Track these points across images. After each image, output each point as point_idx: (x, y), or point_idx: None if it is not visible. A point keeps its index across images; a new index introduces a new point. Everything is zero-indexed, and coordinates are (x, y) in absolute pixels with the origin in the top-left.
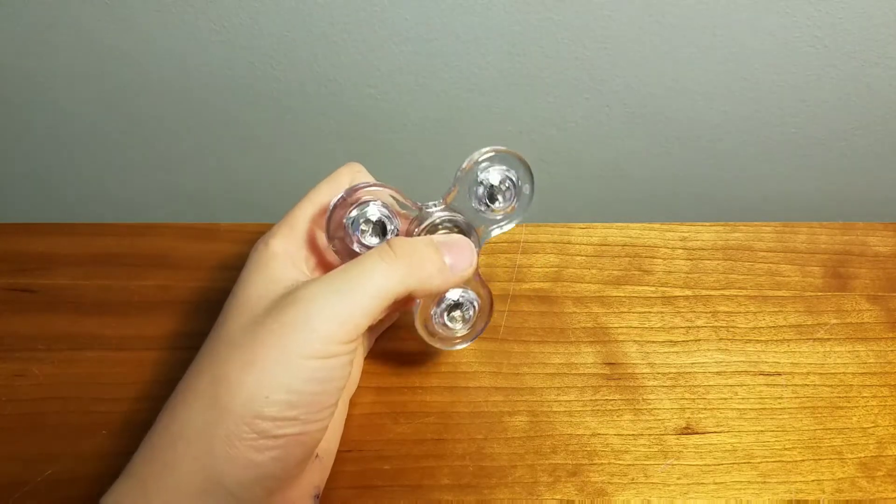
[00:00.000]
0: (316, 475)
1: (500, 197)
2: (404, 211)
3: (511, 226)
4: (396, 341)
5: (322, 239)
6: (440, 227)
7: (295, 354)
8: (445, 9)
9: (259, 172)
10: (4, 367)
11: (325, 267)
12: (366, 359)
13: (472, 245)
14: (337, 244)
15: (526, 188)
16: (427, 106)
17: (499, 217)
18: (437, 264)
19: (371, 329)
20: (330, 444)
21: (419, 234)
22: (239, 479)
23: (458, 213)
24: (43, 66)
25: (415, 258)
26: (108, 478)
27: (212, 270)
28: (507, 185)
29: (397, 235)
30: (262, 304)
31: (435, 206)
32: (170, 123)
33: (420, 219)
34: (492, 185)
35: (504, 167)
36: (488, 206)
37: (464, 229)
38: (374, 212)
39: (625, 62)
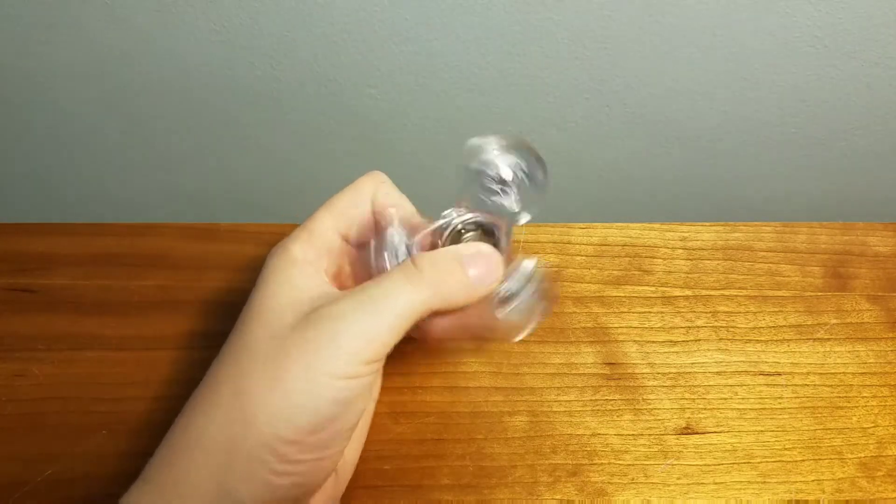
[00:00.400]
0: (331, 490)
1: (513, 187)
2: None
3: (529, 216)
4: None
5: (340, 245)
6: (464, 231)
7: (321, 373)
8: (445, 9)
9: (259, 172)
10: (4, 367)
11: (345, 276)
12: None
13: (498, 254)
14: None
15: (538, 174)
16: (427, 106)
17: (517, 208)
18: (461, 280)
19: None
20: (347, 457)
21: (443, 244)
22: (254, 496)
23: (478, 212)
24: (43, 66)
25: (439, 276)
26: (108, 478)
27: (212, 270)
28: (519, 174)
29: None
30: (287, 316)
31: (453, 211)
32: (170, 123)
33: (441, 228)
34: (502, 178)
35: (511, 156)
36: (502, 195)
37: (487, 228)
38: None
39: (625, 62)
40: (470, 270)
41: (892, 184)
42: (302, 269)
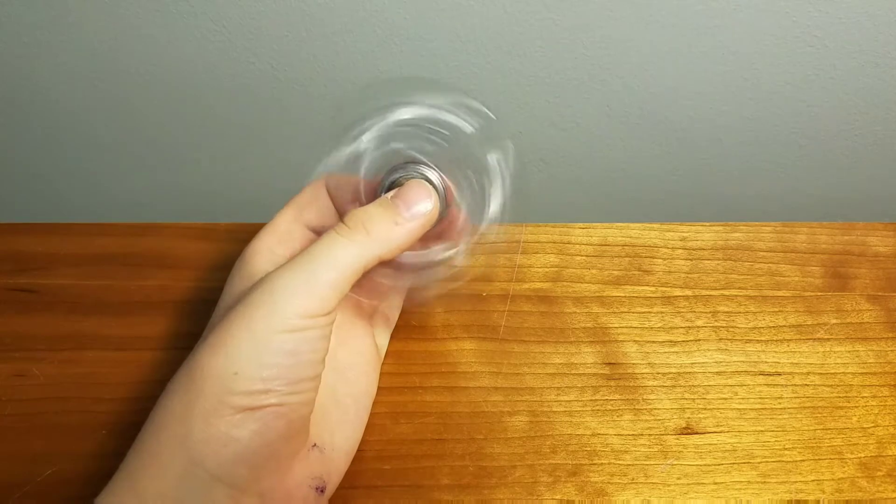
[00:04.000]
0: (315, 466)
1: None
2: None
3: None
4: (396, 341)
5: (303, 233)
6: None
7: (261, 331)
8: (445, 9)
9: (259, 172)
10: (4, 367)
11: None
12: None
13: (426, 184)
14: None
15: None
16: None
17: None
18: (393, 220)
19: (384, 327)
20: (336, 438)
21: (383, 190)
22: (219, 459)
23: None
24: (43, 66)
25: (369, 224)
26: (108, 478)
27: (212, 270)
28: (501, 171)
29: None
30: (238, 296)
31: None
32: (170, 123)
33: (383, 182)
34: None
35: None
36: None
37: (426, 176)
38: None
39: (625, 62)
40: (400, 209)
41: (892, 184)
42: (260, 254)
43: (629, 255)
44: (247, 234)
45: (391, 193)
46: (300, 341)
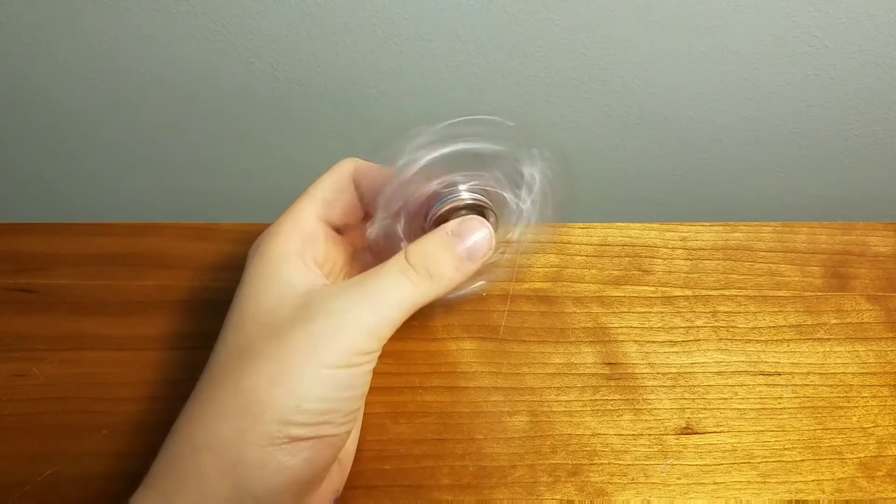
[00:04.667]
0: (336, 479)
1: (531, 190)
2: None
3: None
4: (396, 341)
5: (324, 232)
6: (457, 209)
7: (323, 365)
8: (445, 9)
9: (259, 172)
10: (4, 367)
11: (330, 263)
12: None
13: (487, 224)
14: (382, 235)
15: (549, 202)
16: (427, 106)
17: (526, 209)
18: (454, 263)
19: None
20: (349, 447)
21: (431, 220)
22: (269, 486)
23: (477, 190)
24: (43, 66)
25: (433, 268)
26: (108, 478)
27: (212, 270)
28: (544, 184)
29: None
30: (282, 310)
31: (458, 181)
32: (170, 123)
33: (440, 198)
34: (528, 177)
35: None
36: (513, 189)
37: (481, 209)
38: (465, 196)
39: (625, 62)
40: (459, 248)
41: (892, 184)
42: (290, 261)
43: (629, 255)
44: (247, 234)
45: (450, 227)
46: (356, 376)
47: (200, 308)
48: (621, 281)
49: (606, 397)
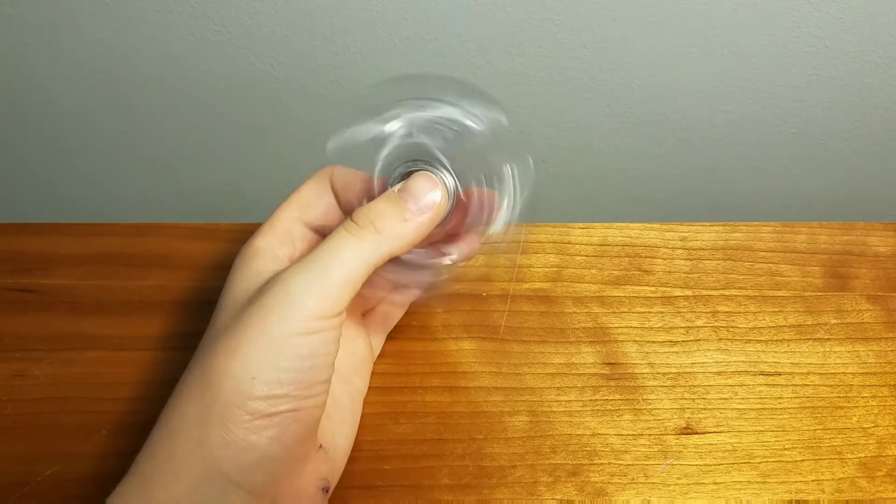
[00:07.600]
0: (321, 466)
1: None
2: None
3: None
4: (396, 341)
5: (304, 233)
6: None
7: (276, 334)
8: (445, 9)
9: (259, 172)
10: (4, 367)
11: None
12: None
13: (434, 178)
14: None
15: (513, 190)
16: None
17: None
18: (401, 216)
19: (380, 328)
20: (338, 438)
21: (392, 183)
22: (238, 465)
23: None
24: (43, 66)
25: (378, 221)
26: (109, 478)
27: (212, 270)
28: (514, 175)
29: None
30: (246, 296)
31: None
32: (170, 123)
33: (388, 176)
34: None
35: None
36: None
37: (432, 169)
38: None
39: (625, 62)
40: (409, 203)
41: (892, 184)
42: (264, 257)
43: (629, 255)
44: (247, 234)
45: (398, 187)
46: (315, 344)
47: (200, 308)
48: (621, 281)
49: (606, 397)
